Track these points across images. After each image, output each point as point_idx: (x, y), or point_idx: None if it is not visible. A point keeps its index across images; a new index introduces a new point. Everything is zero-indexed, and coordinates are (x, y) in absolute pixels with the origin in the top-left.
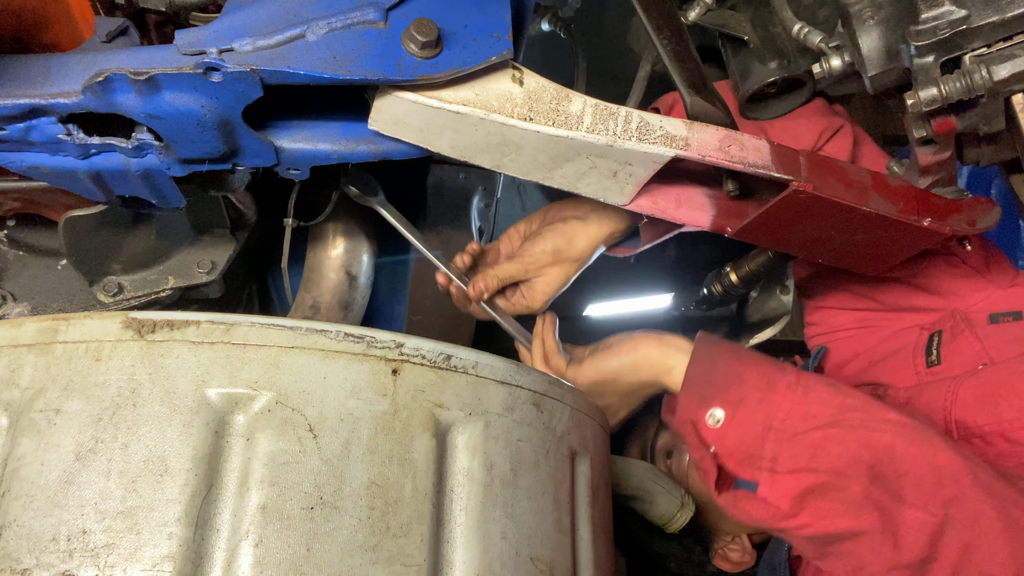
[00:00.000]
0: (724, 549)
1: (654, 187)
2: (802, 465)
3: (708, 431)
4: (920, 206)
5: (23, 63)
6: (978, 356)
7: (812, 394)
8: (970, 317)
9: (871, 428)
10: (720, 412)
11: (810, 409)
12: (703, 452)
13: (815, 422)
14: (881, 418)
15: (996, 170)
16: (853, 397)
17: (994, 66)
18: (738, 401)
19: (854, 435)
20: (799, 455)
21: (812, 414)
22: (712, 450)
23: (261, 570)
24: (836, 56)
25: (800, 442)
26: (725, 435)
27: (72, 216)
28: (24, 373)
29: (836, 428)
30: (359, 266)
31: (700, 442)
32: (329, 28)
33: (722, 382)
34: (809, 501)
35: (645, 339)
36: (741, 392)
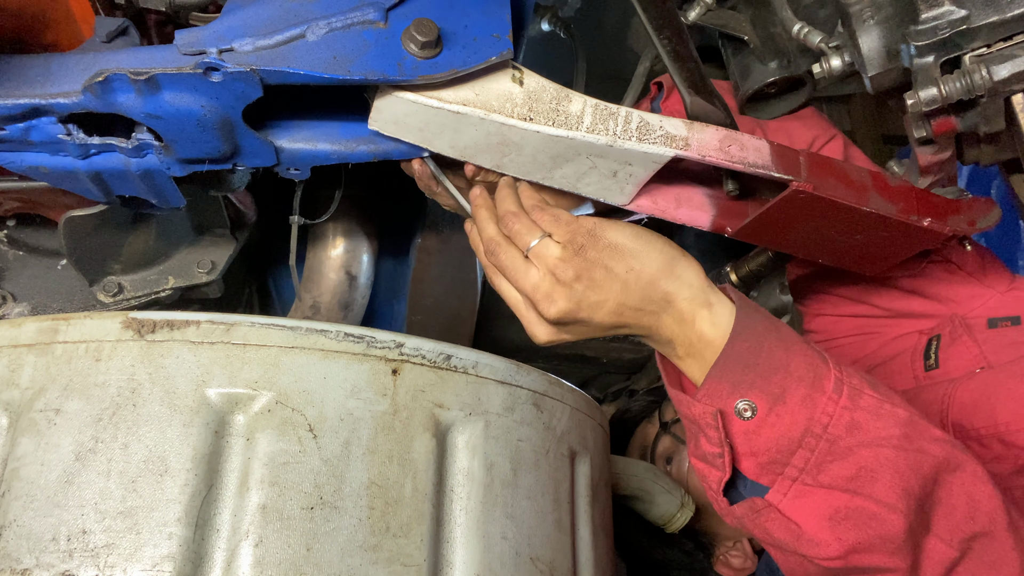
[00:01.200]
0: (726, 555)
1: (654, 187)
2: (840, 483)
3: (735, 424)
4: (920, 206)
5: (23, 63)
6: (976, 360)
7: (860, 400)
8: (968, 322)
9: (922, 451)
10: (754, 404)
11: (857, 417)
12: (722, 447)
13: (862, 436)
14: (930, 437)
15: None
16: (901, 407)
17: (994, 66)
18: (779, 395)
19: (907, 460)
20: (838, 471)
21: (859, 424)
22: (727, 445)
23: (261, 570)
24: (836, 56)
25: (842, 456)
26: (756, 432)
27: (72, 216)
28: (24, 373)
29: (886, 448)
30: (359, 266)
31: (721, 435)
32: (329, 28)
33: (765, 368)
34: (844, 529)
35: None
36: (784, 384)
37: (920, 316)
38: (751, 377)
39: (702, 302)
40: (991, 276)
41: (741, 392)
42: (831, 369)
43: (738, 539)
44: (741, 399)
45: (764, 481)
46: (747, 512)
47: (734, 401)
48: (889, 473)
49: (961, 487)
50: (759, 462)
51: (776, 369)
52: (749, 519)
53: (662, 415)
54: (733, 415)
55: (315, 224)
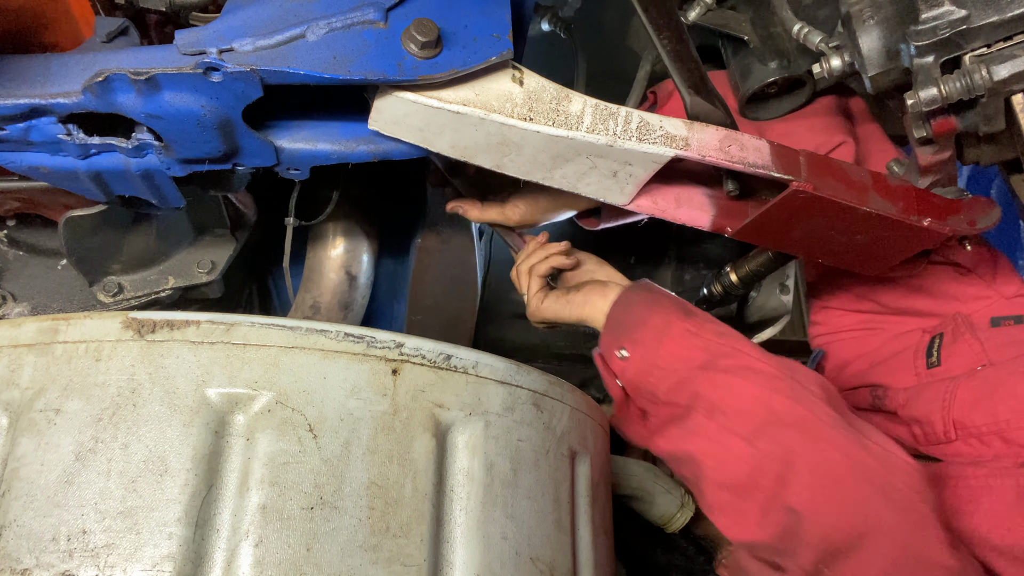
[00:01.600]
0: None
1: (654, 187)
2: (670, 399)
3: (616, 364)
4: (920, 206)
5: (23, 63)
6: (978, 358)
7: (697, 341)
8: (972, 320)
9: (729, 372)
10: (625, 351)
11: (690, 354)
12: (612, 383)
13: (689, 364)
14: (744, 365)
15: (996, 170)
16: (732, 344)
17: (994, 66)
18: (639, 341)
19: (711, 377)
20: (669, 390)
21: (690, 357)
22: (619, 382)
23: (261, 570)
24: (836, 56)
25: (671, 379)
26: (625, 369)
27: (72, 216)
28: (24, 373)
29: (701, 370)
30: (359, 266)
31: (610, 373)
32: (329, 28)
33: (631, 324)
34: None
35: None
36: (642, 334)
37: (924, 315)
38: (622, 331)
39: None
40: (1000, 279)
41: (618, 342)
42: (687, 322)
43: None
44: (618, 347)
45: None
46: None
47: (615, 349)
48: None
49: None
50: (632, 390)
51: (638, 324)
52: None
53: None
54: (615, 358)
55: (315, 224)
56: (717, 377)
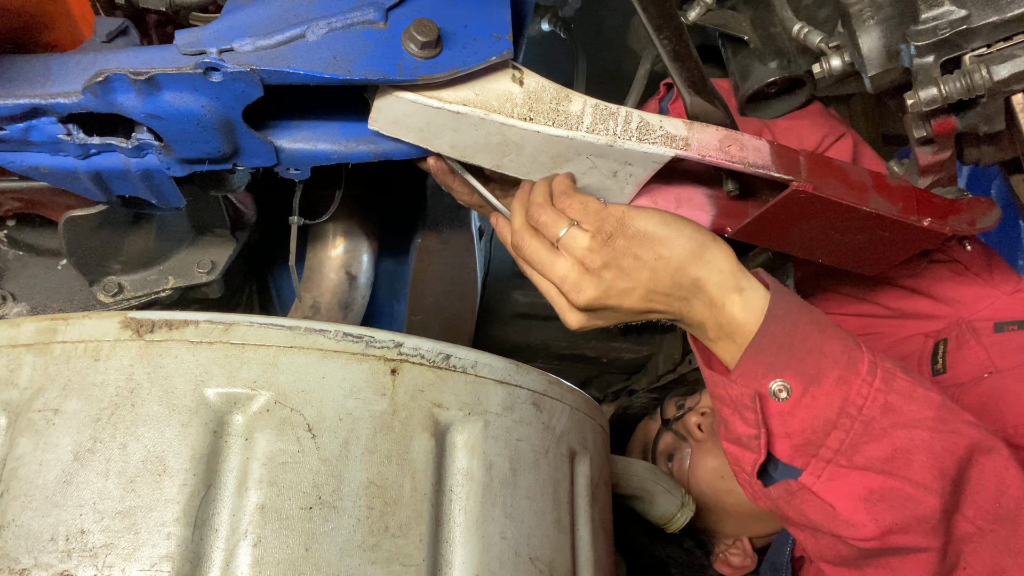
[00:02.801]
0: (725, 553)
1: (654, 187)
2: (875, 464)
3: (770, 405)
4: (920, 206)
5: (23, 63)
6: (984, 365)
7: (894, 383)
8: (975, 326)
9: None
10: (788, 385)
11: (891, 400)
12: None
13: (896, 417)
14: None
15: (996, 170)
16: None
17: (994, 66)
18: (815, 376)
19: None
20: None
21: (894, 406)
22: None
23: (260, 570)
24: (836, 56)
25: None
26: (791, 413)
27: (72, 216)
28: (23, 373)
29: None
30: (359, 266)
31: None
32: (329, 28)
33: (800, 350)
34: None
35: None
36: (819, 365)
37: (926, 317)
38: (786, 358)
39: (732, 287)
40: (997, 277)
41: (776, 373)
42: (865, 352)
43: (738, 537)
44: (776, 380)
45: (798, 463)
46: (783, 494)
47: (768, 382)
48: (924, 454)
49: (992, 469)
50: (793, 443)
51: (811, 351)
52: (784, 501)
53: (664, 412)
54: (768, 396)
55: (315, 224)
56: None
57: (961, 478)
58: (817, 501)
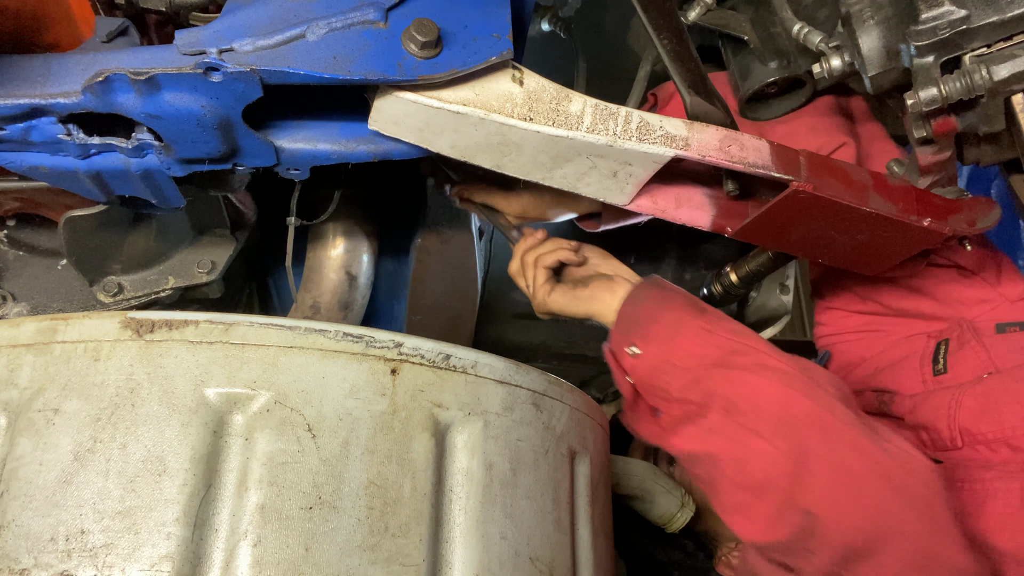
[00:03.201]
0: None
1: (654, 187)
2: (684, 396)
3: (627, 361)
4: (920, 206)
5: (23, 63)
6: (984, 365)
7: (711, 338)
8: (977, 326)
9: (746, 369)
10: (637, 348)
11: (704, 351)
12: (622, 379)
13: (703, 361)
14: (760, 362)
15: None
16: (746, 342)
17: (994, 66)
18: (651, 338)
19: (728, 375)
20: (683, 387)
21: (704, 354)
22: (629, 379)
23: (260, 570)
24: (836, 56)
25: (685, 376)
26: (637, 366)
27: (72, 216)
28: (23, 373)
29: (716, 367)
30: (359, 266)
31: (621, 370)
32: (329, 28)
33: (643, 320)
34: (680, 426)
35: (603, 289)
36: (655, 330)
37: (928, 318)
38: (633, 328)
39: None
40: (1005, 283)
41: (629, 339)
42: (700, 319)
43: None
44: (629, 344)
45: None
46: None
47: (626, 346)
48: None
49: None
50: (644, 388)
51: (650, 321)
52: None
53: None
54: (625, 355)
55: (315, 224)
56: (733, 375)
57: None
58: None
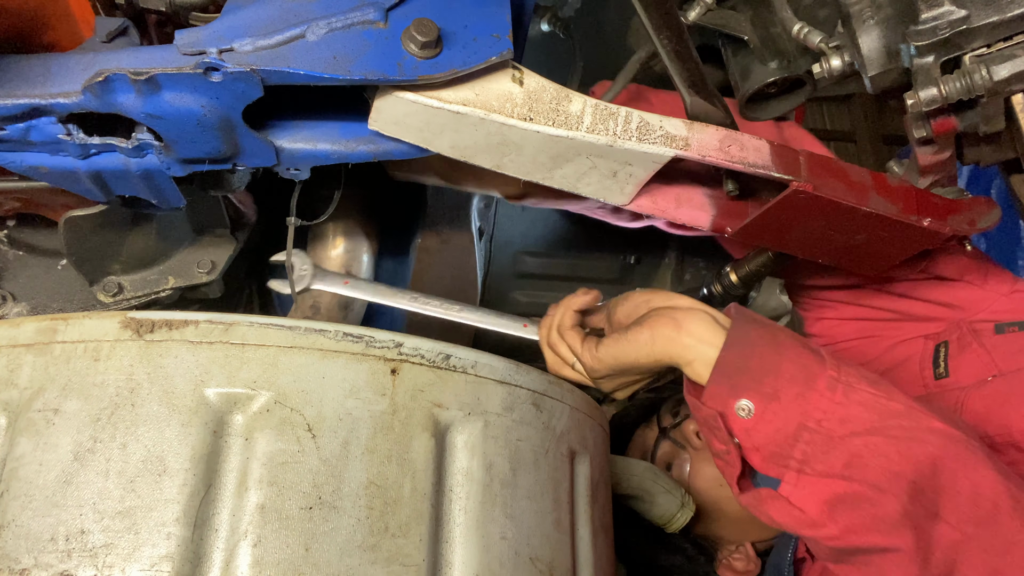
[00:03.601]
0: (728, 559)
1: (654, 187)
2: (835, 471)
3: (736, 422)
4: (920, 206)
5: (23, 63)
6: (987, 368)
7: (853, 395)
8: (976, 327)
9: (915, 439)
10: (750, 404)
11: (850, 412)
12: (728, 445)
13: (854, 427)
14: (926, 427)
15: (996, 170)
16: (897, 401)
17: (994, 66)
18: (772, 394)
19: (896, 447)
20: (833, 461)
21: (851, 417)
22: (737, 442)
23: (260, 570)
24: (836, 56)
25: (836, 447)
26: (754, 429)
27: (72, 216)
28: (23, 373)
29: (877, 436)
30: (359, 266)
31: (726, 434)
32: (329, 28)
33: (757, 372)
34: (840, 512)
35: (663, 325)
36: (776, 385)
37: (923, 319)
38: (745, 380)
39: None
40: (992, 282)
41: (738, 394)
42: (826, 369)
43: (740, 542)
44: (738, 400)
45: (772, 473)
46: (751, 501)
47: (734, 403)
48: (880, 459)
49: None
50: (762, 456)
51: (767, 372)
52: (754, 507)
53: (660, 420)
54: (735, 415)
55: (315, 224)
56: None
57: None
58: (786, 506)
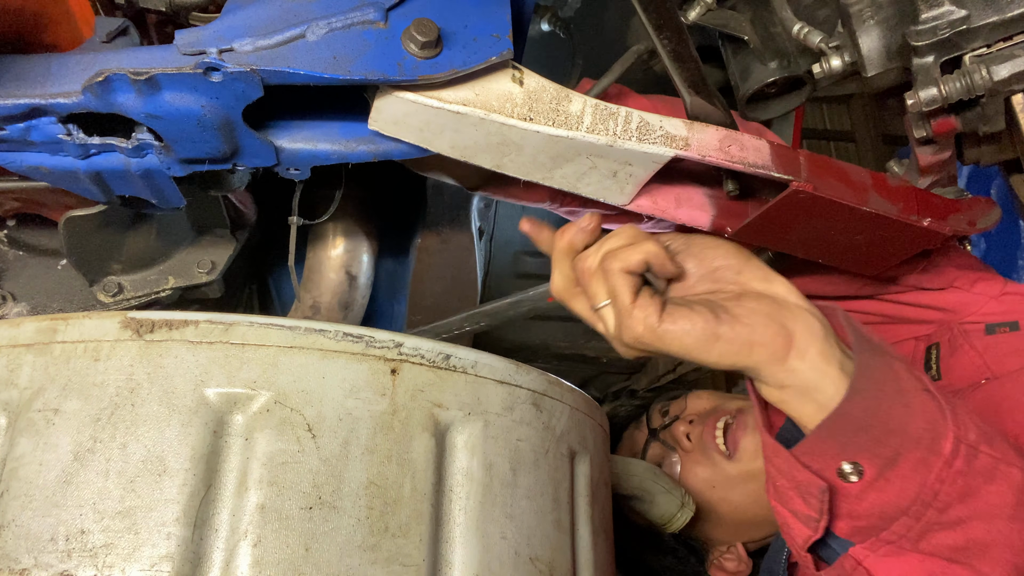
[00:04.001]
0: (719, 559)
1: (654, 187)
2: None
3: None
4: (920, 206)
5: (23, 63)
6: (979, 370)
7: (976, 461)
8: (966, 328)
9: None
10: (862, 468)
11: (971, 483)
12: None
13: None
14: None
15: (996, 170)
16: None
17: (994, 66)
18: (892, 458)
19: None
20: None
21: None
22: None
23: (260, 570)
24: (836, 56)
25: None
26: (860, 497)
27: (72, 216)
28: (23, 373)
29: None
30: (359, 266)
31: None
32: (329, 28)
33: (880, 431)
34: None
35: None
36: (899, 447)
37: (914, 321)
38: (863, 440)
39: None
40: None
41: (850, 454)
42: (949, 425)
43: (731, 543)
44: (848, 461)
45: (857, 541)
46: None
47: (839, 462)
48: (1002, 548)
49: None
50: (856, 525)
51: (892, 431)
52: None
53: (649, 421)
54: (835, 477)
55: (315, 224)
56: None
57: None
58: None
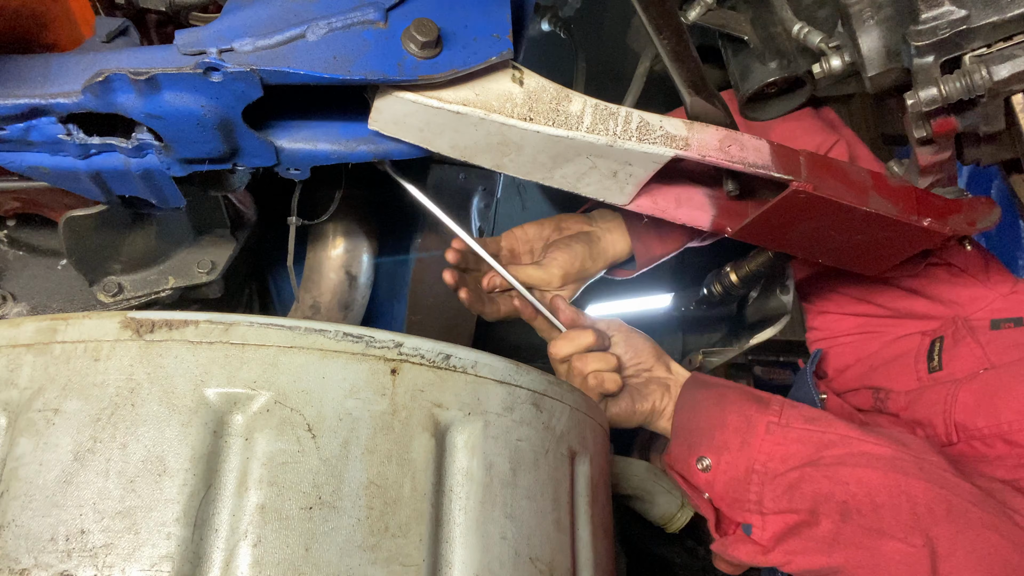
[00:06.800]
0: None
1: (654, 187)
2: (783, 506)
3: (699, 477)
4: (920, 206)
5: (23, 63)
6: (979, 361)
7: (791, 433)
8: (972, 323)
9: (847, 463)
10: (707, 459)
11: (789, 449)
12: (699, 498)
13: (793, 462)
14: (858, 452)
15: (996, 170)
16: (833, 431)
17: (994, 66)
18: (721, 447)
19: (828, 472)
20: (779, 496)
21: (791, 454)
22: (706, 496)
23: (260, 570)
24: (836, 56)
25: (779, 483)
26: (714, 481)
27: (72, 216)
28: (23, 373)
29: (812, 467)
30: (359, 266)
31: (694, 488)
32: (329, 28)
33: (706, 428)
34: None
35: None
36: (724, 437)
37: (922, 317)
38: (697, 438)
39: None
40: (994, 278)
41: (695, 451)
42: (766, 414)
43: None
44: (696, 457)
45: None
46: (719, 548)
47: (693, 460)
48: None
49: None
50: (727, 504)
51: (715, 426)
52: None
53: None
54: (696, 471)
55: (315, 224)
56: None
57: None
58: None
